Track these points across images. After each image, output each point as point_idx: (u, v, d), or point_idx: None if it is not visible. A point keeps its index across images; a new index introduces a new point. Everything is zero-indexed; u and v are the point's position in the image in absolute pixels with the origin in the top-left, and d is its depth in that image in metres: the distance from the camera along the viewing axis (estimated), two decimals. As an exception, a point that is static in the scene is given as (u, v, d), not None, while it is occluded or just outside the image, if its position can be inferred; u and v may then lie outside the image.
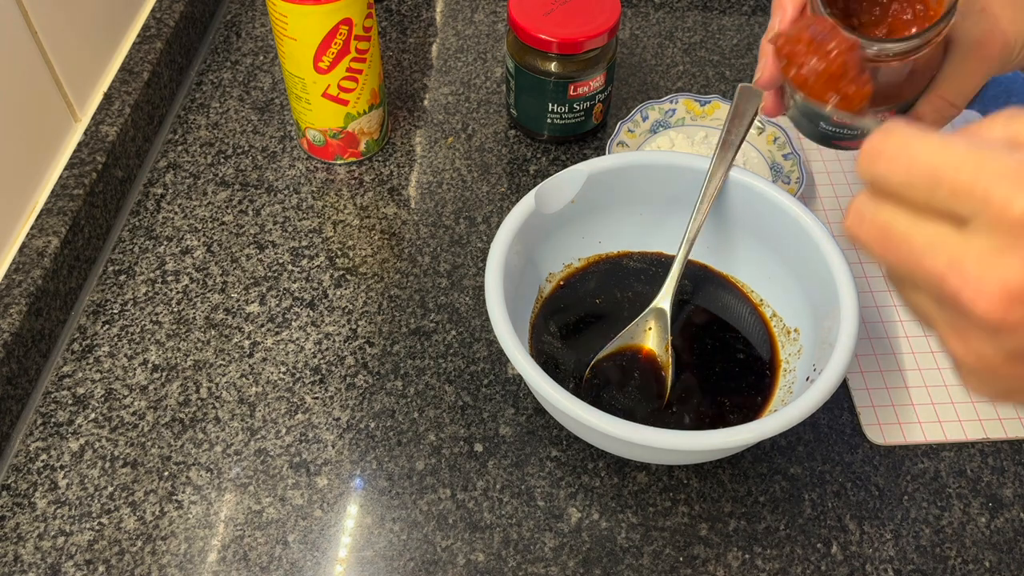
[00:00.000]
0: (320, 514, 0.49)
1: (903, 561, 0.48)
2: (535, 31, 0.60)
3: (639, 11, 0.78)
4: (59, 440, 0.52)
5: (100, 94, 0.66)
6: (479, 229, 0.62)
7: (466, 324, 0.57)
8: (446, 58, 0.74)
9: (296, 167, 0.66)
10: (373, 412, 0.53)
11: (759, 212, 0.53)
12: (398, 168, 0.66)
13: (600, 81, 0.63)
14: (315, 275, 0.60)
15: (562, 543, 0.48)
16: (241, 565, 0.47)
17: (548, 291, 0.55)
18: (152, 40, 0.69)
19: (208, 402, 0.54)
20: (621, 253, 0.58)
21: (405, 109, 0.70)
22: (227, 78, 0.73)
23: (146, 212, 0.64)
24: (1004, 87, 0.72)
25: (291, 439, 0.52)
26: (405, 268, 0.60)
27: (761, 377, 0.52)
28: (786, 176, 0.62)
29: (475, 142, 0.68)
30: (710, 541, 0.48)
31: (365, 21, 0.58)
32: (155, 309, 0.58)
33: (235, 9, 0.79)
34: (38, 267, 0.54)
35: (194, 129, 0.69)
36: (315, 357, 0.56)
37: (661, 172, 0.54)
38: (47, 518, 0.49)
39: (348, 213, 0.63)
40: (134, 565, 0.47)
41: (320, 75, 0.59)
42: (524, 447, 0.52)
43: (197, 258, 0.61)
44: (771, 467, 0.51)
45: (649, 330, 0.52)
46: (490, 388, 0.54)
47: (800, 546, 0.48)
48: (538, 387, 0.44)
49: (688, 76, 0.73)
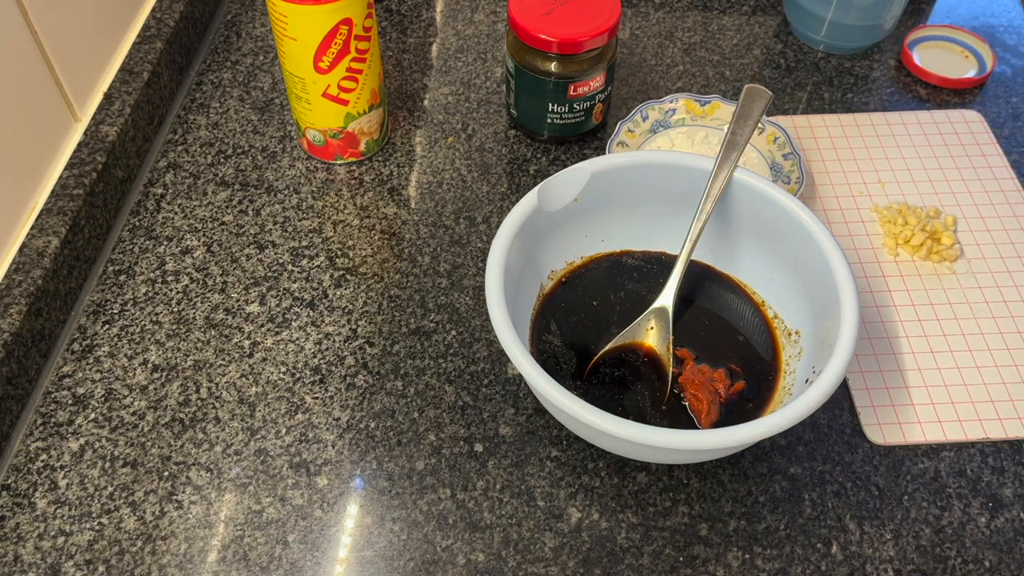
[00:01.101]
0: (320, 514, 0.49)
1: (903, 561, 0.48)
2: (535, 31, 0.60)
3: (639, 11, 0.78)
4: (59, 440, 0.52)
5: (100, 94, 0.66)
6: (479, 229, 0.62)
7: (466, 324, 0.57)
8: (446, 58, 0.74)
9: (296, 167, 0.66)
10: (373, 412, 0.53)
11: (761, 212, 0.53)
12: (398, 168, 0.66)
13: (600, 81, 0.63)
14: (315, 275, 0.60)
15: (562, 543, 0.48)
16: (241, 565, 0.47)
17: (549, 289, 0.55)
18: (152, 40, 0.69)
19: (208, 402, 0.54)
20: (623, 252, 0.58)
21: (405, 109, 0.70)
22: (227, 78, 0.73)
23: (146, 212, 0.64)
24: (1004, 86, 0.72)
25: (291, 439, 0.52)
26: (405, 268, 0.60)
27: (762, 378, 0.52)
28: (786, 176, 0.62)
29: (475, 142, 0.68)
30: (710, 541, 0.48)
31: (365, 21, 0.58)
32: (155, 309, 0.58)
33: (235, 9, 0.79)
34: (38, 267, 0.54)
35: (194, 129, 0.69)
36: (315, 357, 0.56)
37: (665, 172, 0.54)
38: (47, 518, 0.49)
39: (348, 213, 0.63)
40: (134, 565, 0.47)
41: (320, 75, 0.59)
42: (524, 447, 0.52)
43: (197, 258, 0.61)
44: (771, 467, 0.51)
45: (651, 329, 0.52)
46: (490, 388, 0.54)
47: (800, 546, 0.48)
48: (538, 386, 0.44)
49: (688, 76, 0.73)
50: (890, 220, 0.62)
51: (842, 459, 0.51)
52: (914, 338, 0.57)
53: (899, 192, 0.65)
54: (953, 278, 0.60)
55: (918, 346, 0.56)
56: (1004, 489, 0.50)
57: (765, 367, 0.52)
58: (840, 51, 0.74)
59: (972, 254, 0.61)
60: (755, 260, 0.55)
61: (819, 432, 0.52)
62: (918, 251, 0.60)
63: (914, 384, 0.54)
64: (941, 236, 0.61)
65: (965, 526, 0.49)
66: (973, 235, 0.62)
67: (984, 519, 0.49)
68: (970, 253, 0.61)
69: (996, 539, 0.48)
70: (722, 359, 0.52)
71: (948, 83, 0.71)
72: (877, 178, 0.65)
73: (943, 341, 0.56)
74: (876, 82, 0.72)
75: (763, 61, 0.74)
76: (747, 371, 0.52)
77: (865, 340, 0.56)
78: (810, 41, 0.75)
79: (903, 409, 0.53)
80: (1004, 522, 0.49)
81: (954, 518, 0.49)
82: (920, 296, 0.59)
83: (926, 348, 0.56)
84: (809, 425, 0.53)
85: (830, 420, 0.53)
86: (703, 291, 0.56)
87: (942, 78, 0.71)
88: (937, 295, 0.59)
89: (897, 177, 0.66)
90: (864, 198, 0.64)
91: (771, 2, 0.79)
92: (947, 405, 0.53)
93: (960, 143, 0.68)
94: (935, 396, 0.54)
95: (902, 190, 0.65)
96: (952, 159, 0.67)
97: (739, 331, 0.54)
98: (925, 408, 0.53)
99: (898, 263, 0.60)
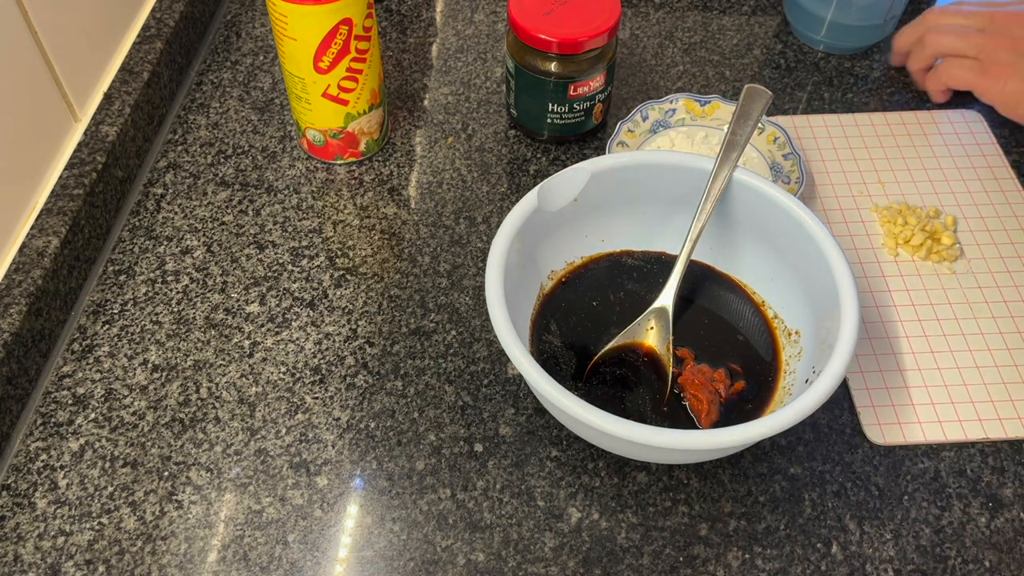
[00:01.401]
0: (320, 514, 0.49)
1: (903, 561, 0.48)
2: (535, 31, 0.60)
3: (639, 11, 0.78)
4: (59, 440, 0.52)
5: (100, 94, 0.66)
6: (479, 229, 0.62)
7: (466, 324, 0.57)
8: (446, 58, 0.74)
9: (296, 167, 0.66)
10: (373, 412, 0.53)
11: (761, 212, 0.53)
12: (398, 168, 0.66)
13: (600, 81, 0.63)
14: (315, 275, 0.60)
15: (562, 543, 0.48)
16: (241, 565, 0.47)
17: (549, 289, 0.55)
18: (152, 40, 0.69)
19: (208, 402, 0.54)
20: (623, 252, 0.58)
21: (405, 109, 0.70)
22: (227, 78, 0.73)
23: (146, 212, 0.64)
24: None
25: (291, 439, 0.52)
26: (405, 268, 0.60)
27: (762, 378, 0.52)
28: (786, 176, 0.62)
29: (475, 142, 0.68)
30: (710, 541, 0.48)
31: (365, 21, 0.58)
32: (155, 309, 0.58)
33: (235, 9, 0.79)
34: (38, 267, 0.54)
35: (194, 129, 0.69)
36: (315, 357, 0.56)
37: (665, 172, 0.54)
38: (47, 518, 0.49)
39: (348, 213, 0.63)
40: (134, 565, 0.47)
41: (320, 75, 0.59)
42: (524, 447, 0.52)
43: (197, 258, 0.61)
44: (771, 467, 0.51)
45: (651, 329, 0.52)
46: (490, 388, 0.54)
47: (800, 546, 0.48)
48: (538, 386, 0.44)
49: (688, 76, 0.73)
50: (890, 220, 0.62)
51: (842, 459, 0.51)
52: (914, 338, 0.57)
53: (899, 192, 0.65)
54: (953, 278, 0.60)
55: (918, 346, 0.56)
56: (1004, 489, 0.50)
57: (765, 367, 0.52)
58: (840, 51, 0.74)
59: (972, 254, 0.61)
60: (755, 260, 0.55)
61: (819, 432, 0.52)
62: (918, 251, 0.60)
63: (914, 384, 0.54)
64: (941, 236, 0.61)
65: (965, 526, 0.49)
66: (973, 235, 0.62)
67: (984, 519, 0.49)
68: (970, 253, 0.61)
69: (996, 539, 0.48)
70: (722, 359, 0.52)
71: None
72: (877, 178, 0.65)
73: (943, 341, 0.56)
74: (876, 82, 0.72)
75: (763, 61, 0.74)
76: (747, 371, 0.52)
77: (865, 340, 0.56)
78: (810, 41, 0.75)
79: (903, 409, 0.53)
80: (1004, 522, 0.49)
81: (954, 518, 0.49)
82: (920, 296, 0.59)
83: (926, 348, 0.56)
84: (809, 425, 0.53)
85: (830, 420, 0.53)
86: (703, 291, 0.56)
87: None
88: (937, 295, 0.59)
89: (897, 177, 0.66)
90: (864, 198, 0.64)
91: (771, 2, 0.79)
92: (947, 405, 0.53)
93: (960, 143, 0.68)
94: (935, 396, 0.54)
95: (902, 190, 0.65)
96: (952, 159, 0.67)
97: (739, 331, 0.54)
98: (925, 408, 0.53)
99: (898, 263, 0.60)
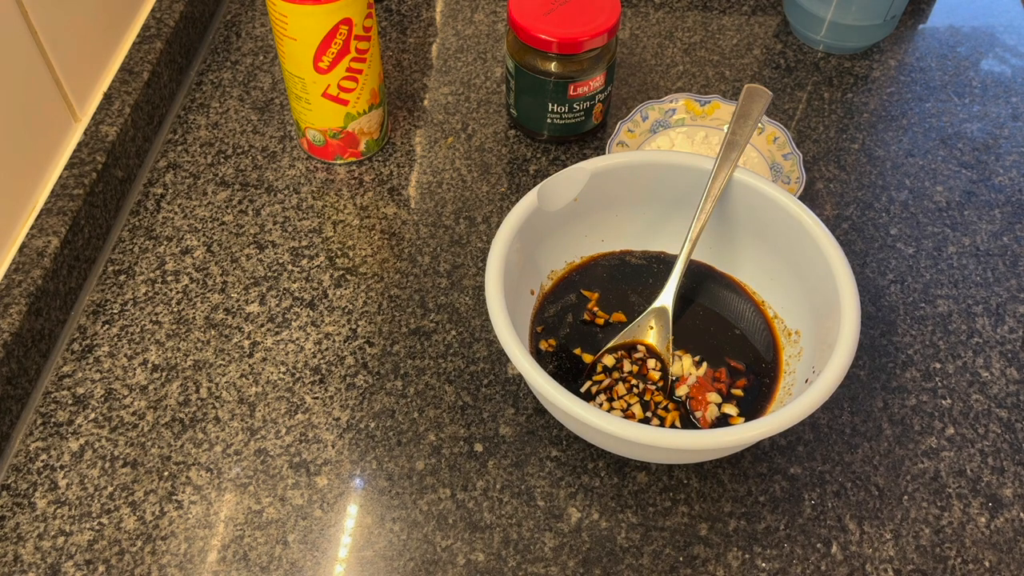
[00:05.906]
0: (320, 514, 0.49)
1: (903, 561, 0.48)
2: (535, 31, 0.60)
3: (639, 11, 0.78)
4: (59, 440, 0.52)
5: (100, 94, 0.66)
6: (479, 229, 0.62)
7: (466, 324, 0.57)
8: (446, 58, 0.74)
9: (296, 167, 0.66)
10: (373, 412, 0.53)
11: (761, 212, 0.53)
12: (398, 168, 0.66)
13: (600, 81, 0.63)
14: (315, 275, 0.60)
15: (562, 543, 0.48)
16: (241, 565, 0.47)
17: (549, 289, 0.55)
18: (152, 40, 0.69)
19: (208, 402, 0.54)
20: (623, 252, 0.58)
21: (405, 109, 0.70)
22: (227, 78, 0.73)
23: (146, 212, 0.64)
24: (1004, 86, 0.72)
25: (291, 439, 0.52)
26: (405, 268, 0.60)
27: (762, 378, 0.52)
28: (786, 176, 0.62)
29: (475, 142, 0.68)
30: (710, 541, 0.48)
31: (365, 21, 0.58)
32: (155, 309, 0.58)
33: (235, 9, 0.79)
34: (38, 267, 0.54)
35: (194, 129, 0.69)
36: (315, 357, 0.56)
37: (665, 171, 0.54)
38: (47, 518, 0.49)
39: (348, 213, 0.63)
40: (134, 565, 0.47)
41: (320, 75, 0.59)
42: (524, 447, 0.52)
43: (197, 258, 0.61)
44: (771, 467, 0.51)
45: (651, 329, 0.52)
46: (490, 388, 0.54)
47: (800, 546, 0.48)
48: (538, 386, 0.44)
49: (688, 76, 0.73)
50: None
51: (842, 459, 0.51)
52: (914, 338, 0.57)
53: (899, 192, 0.65)
54: (953, 278, 0.60)
55: (918, 346, 0.56)
56: (1004, 489, 0.50)
57: (765, 367, 0.52)
58: (840, 51, 0.74)
59: (972, 254, 0.61)
60: (755, 260, 0.55)
61: (819, 432, 0.52)
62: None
63: (914, 384, 0.54)
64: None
65: (965, 526, 0.49)
66: (973, 235, 0.62)
67: (984, 519, 0.49)
68: (970, 253, 0.61)
69: (996, 539, 0.48)
70: (722, 359, 0.52)
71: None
72: (877, 178, 0.65)
73: (943, 341, 0.56)
74: (876, 82, 0.72)
75: (763, 61, 0.74)
76: (747, 371, 0.52)
77: (865, 340, 0.56)
78: (810, 41, 0.75)
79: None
80: (1004, 522, 0.49)
81: (954, 518, 0.49)
82: (920, 296, 0.59)
83: (926, 348, 0.56)
84: (809, 425, 0.53)
85: (830, 420, 0.53)
86: (703, 291, 0.56)
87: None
88: (937, 295, 0.59)
89: (897, 177, 0.66)
90: (864, 198, 0.64)
91: (771, 2, 0.79)
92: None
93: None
94: (935, 396, 0.54)
95: (902, 190, 0.65)
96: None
97: (739, 331, 0.54)
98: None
99: (898, 263, 0.60)
